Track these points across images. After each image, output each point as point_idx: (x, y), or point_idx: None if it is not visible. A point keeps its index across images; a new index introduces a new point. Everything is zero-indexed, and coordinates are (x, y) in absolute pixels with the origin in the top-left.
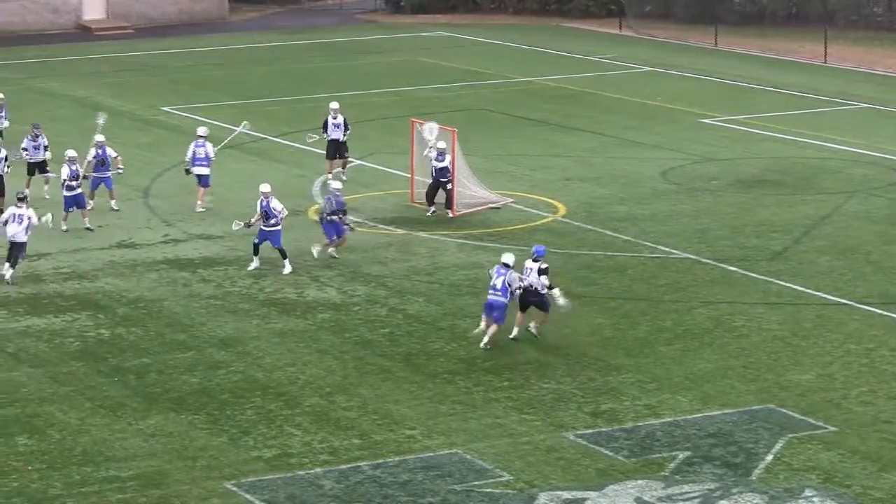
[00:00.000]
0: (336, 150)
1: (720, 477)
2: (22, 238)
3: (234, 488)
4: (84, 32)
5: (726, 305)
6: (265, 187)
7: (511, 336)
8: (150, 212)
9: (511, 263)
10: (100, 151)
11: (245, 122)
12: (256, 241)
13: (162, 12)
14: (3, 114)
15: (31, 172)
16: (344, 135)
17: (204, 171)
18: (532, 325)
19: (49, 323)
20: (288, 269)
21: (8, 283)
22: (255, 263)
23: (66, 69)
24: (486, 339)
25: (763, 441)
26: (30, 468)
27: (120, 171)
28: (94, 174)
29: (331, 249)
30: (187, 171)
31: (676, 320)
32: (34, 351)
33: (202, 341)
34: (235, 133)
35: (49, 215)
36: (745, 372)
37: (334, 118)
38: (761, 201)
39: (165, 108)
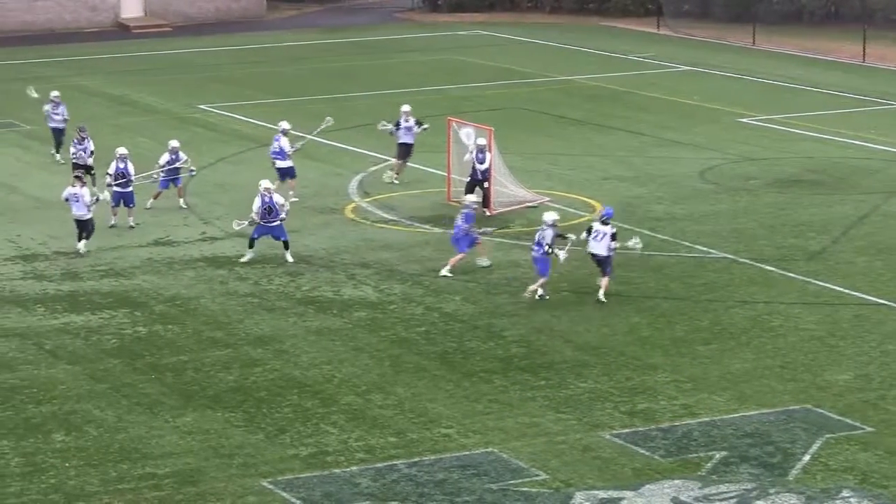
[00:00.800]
0: (407, 153)
1: (757, 477)
2: (87, 215)
3: (271, 486)
4: (122, 30)
5: (763, 305)
6: (266, 183)
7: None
8: (187, 209)
9: (550, 221)
10: (174, 156)
11: (329, 118)
12: (255, 235)
13: (199, 10)
14: (59, 111)
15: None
16: (418, 129)
17: (281, 164)
18: (533, 287)
19: (86, 320)
20: (290, 258)
21: (82, 255)
22: (249, 255)
23: (103, 67)
24: (535, 288)
25: (800, 441)
26: (67, 465)
27: (192, 172)
28: (166, 177)
29: (479, 260)
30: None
31: (713, 320)
32: (72, 348)
33: (239, 339)
34: (322, 128)
35: (106, 193)
36: (783, 372)
37: (406, 121)
38: (799, 201)
39: (202, 106)
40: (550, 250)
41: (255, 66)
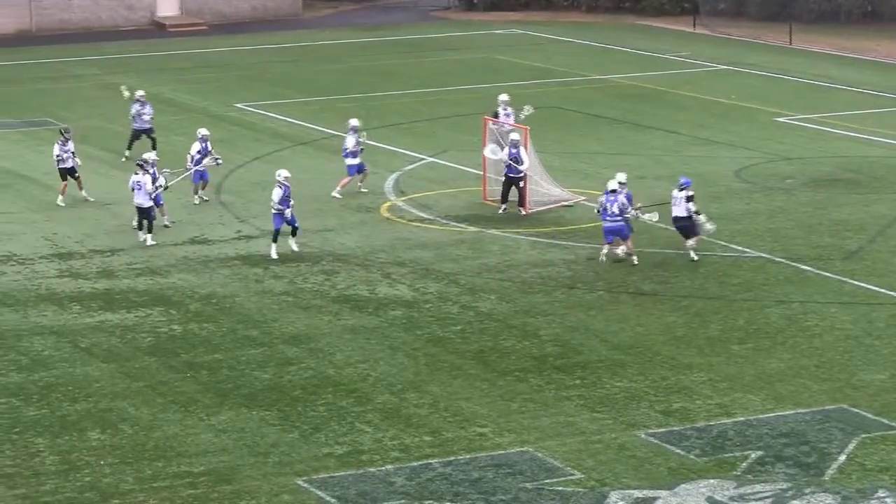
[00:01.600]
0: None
1: (792, 477)
2: (147, 203)
3: (305, 485)
4: (158, 29)
5: (799, 305)
6: (285, 173)
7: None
8: (222, 208)
9: (618, 188)
10: (204, 145)
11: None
12: (277, 226)
13: (235, 9)
14: (146, 110)
15: (63, 177)
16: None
17: (348, 161)
18: (621, 249)
19: (122, 318)
20: (295, 248)
21: (146, 245)
22: (274, 250)
23: (139, 66)
24: (622, 253)
25: (836, 441)
26: (102, 463)
27: (218, 161)
28: (196, 167)
29: (618, 250)
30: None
31: (749, 319)
32: (107, 346)
33: (274, 337)
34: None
35: (163, 179)
36: (818, 371)
37: (504, 110)
38: (835, 200)
39: (239, 105)
40: (635, 212)
41: (290, 64)
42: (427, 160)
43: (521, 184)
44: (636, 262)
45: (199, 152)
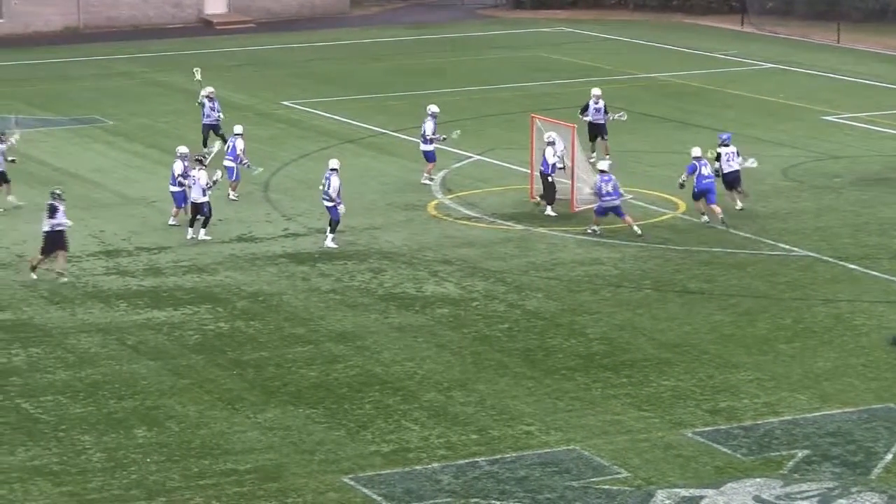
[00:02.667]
0: (597, 133)
1: (839, 476)
2: (201, 198)
3: (352, 482)
4: (205, 26)
5: (846, 304)
6: (334, 163)
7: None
8: (270, 206)
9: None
10: (233, 142)
11: (457, 131)
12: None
13: (283, 6)
14: (214, 104)
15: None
16: (604, 118)
17: (424, 147)
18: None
19: (169, 316)
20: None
21: (201, 240)
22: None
23: (187, 63)
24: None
25: (883, 440)
26: (148, 460)
27: (246, 165)
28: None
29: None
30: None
31: (796, 318)
32: (154, 343)
33: (321, 335)
34: (446, 138)
35: (219, 172)
36: (865, 371)
37: (595, 103)
38: (883, 199)
39: (286, 103)
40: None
41: (338, 62)
42: (474, 158)
43: (550, 179)
44: (640, 232)
45: (242, 151)
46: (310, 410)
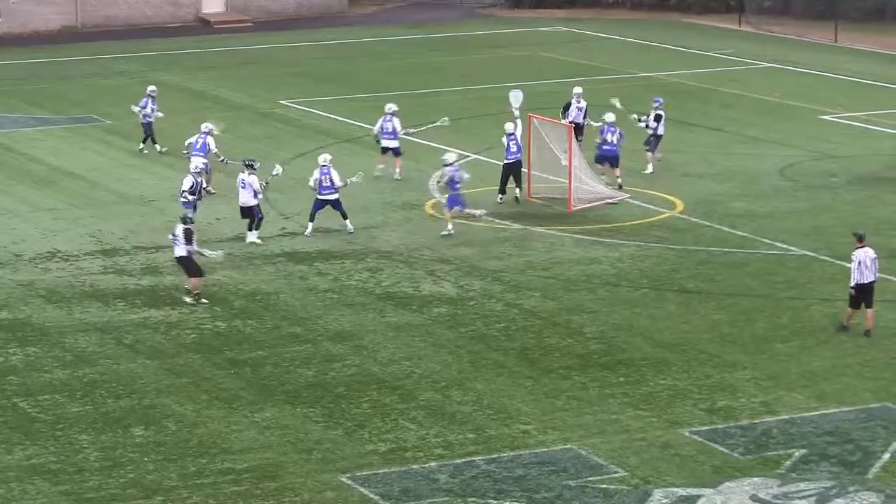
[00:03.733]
0: (579, 133)
1: (836, 475)
2: (251, 202)
3: (349, 481)
4: (203, 26)
5: (844, 303)
6: (324, 158)
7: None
8: (267, 205)
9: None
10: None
11: (445, 118)
12: (315, 208)
13: (281, 6)
14: (154, 105)
15: None
16: (584, 119)
17: (391, 143)
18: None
19: (166, 315)
20: (350, 228)
21: (252, 243)
22: (310, 228)
23: (185, 62)
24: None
25: (880, 439)
26: (146, 459)
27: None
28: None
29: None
30: (377, 141)
31: (793, 317)
32: (151, 342)
33: (318, 334)
34: (432, 125)
35: (279, 168)
36: (863, 370)
37: (578, 102)
38: (881, 199)
39: (284, 102)
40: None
41: (336, 61)
42: (471, 157)
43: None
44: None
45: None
46: (307, 409)
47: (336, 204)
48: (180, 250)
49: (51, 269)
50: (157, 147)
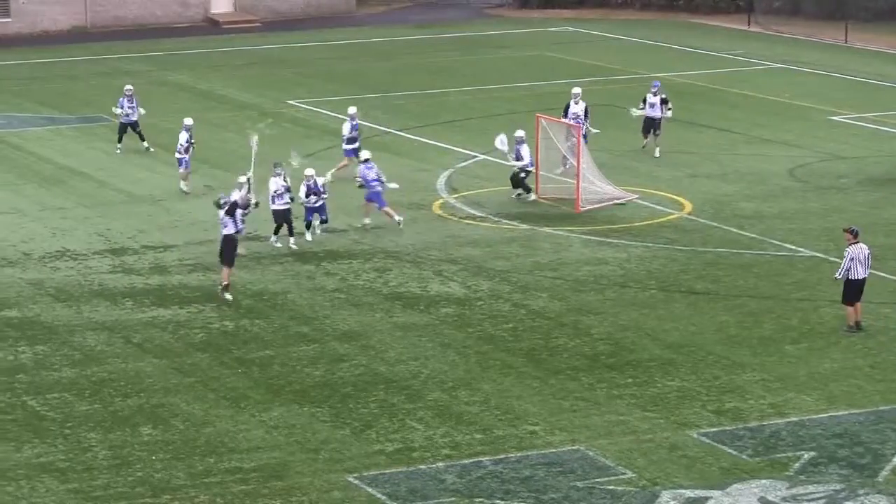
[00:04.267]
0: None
1: (846, 478)
2: (286, 206)
3: (356, 481)
4: (212, 25)
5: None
6: (311, 171)
7: None
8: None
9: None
10: (189, 135)
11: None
12: (308, 218)
13: (289, 6)
14: (133, 104)
15: None
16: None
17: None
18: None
19: (174, 314)
20: (318, 232)
21: (292, 247)
22: (308, 235)
23: (193, 62)
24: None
25: (890, 442)
26: (154, 458)
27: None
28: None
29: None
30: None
31: (802, 319)
32: (159, 342)
33: (325, 334)
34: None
35: (297, 157)
36: (872, 372)
37: (576, 103)
38: (891, 199)
39: (291, 102)
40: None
41: (343, 61)
42: (479, 157)
43: (521, 175)
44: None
45: (187, 141)
46: (314, 409)
47: (322, 209)
48: (229, 228)
49: (60, 267)
50: (145, 145)
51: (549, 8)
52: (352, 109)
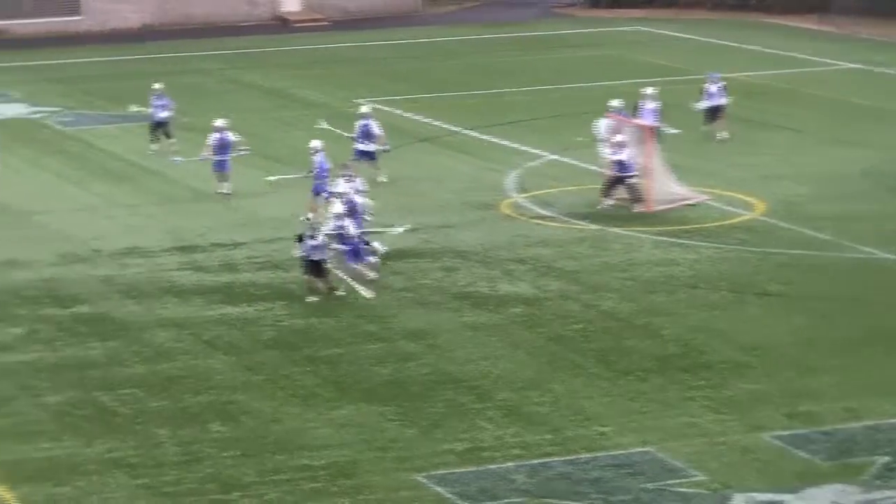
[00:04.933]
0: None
1: None
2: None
3: (425, 480)
4: (280, 24)
5: None
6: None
7: None
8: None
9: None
10: (217, 135)
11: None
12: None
13: (357, 5)
14: (163, 102)
15: None
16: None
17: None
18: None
19: (243, 312)
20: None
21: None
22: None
23: (262, 60)
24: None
25: None
26: (223, 455)
27: (242, 152)
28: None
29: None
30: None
31: (877, 322)
32: (228, 339)
33: (394, 333)
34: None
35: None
36: None
37: (646, 104)
38: None
39: (359, 101)
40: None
41: (412, 60)
42: (549, 157)
43: (632, 181)
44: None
45: (214, 141)
46: (383, 408)
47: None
48: (319, 254)
49: (129, 264)
50: (152, 146)
51: (618, 8)
52: (365, 108)
